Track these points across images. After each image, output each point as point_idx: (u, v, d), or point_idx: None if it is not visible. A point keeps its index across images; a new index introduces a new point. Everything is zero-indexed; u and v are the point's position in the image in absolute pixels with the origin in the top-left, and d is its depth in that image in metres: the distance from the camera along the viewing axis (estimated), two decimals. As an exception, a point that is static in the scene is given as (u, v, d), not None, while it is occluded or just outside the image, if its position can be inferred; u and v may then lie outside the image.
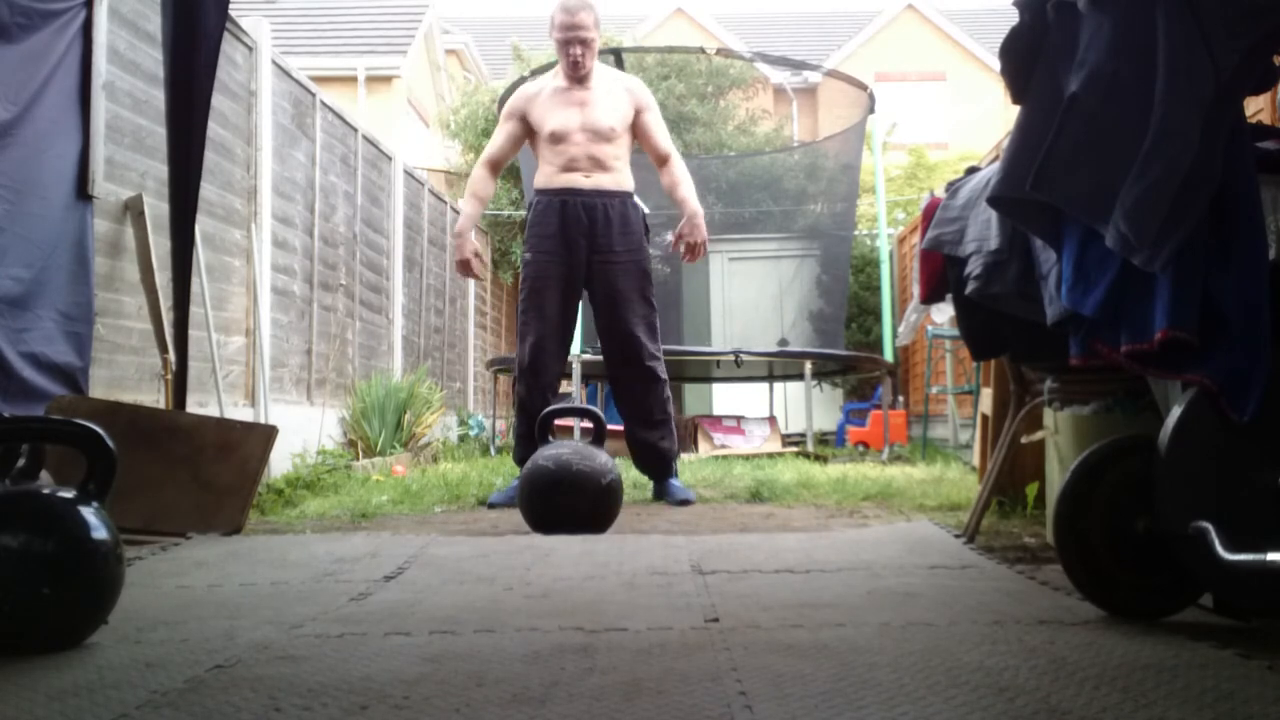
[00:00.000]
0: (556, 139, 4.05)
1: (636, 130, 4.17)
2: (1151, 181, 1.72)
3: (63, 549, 1.77)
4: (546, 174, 4.11)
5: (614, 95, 4.11)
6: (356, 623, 1.95)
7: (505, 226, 11.25)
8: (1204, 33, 1.70)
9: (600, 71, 4.17)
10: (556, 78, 4.14)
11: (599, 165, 4.05)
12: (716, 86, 12.89)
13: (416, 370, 7.47)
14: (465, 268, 4.14)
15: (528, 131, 4.16)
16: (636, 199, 4.20)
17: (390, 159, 7.46)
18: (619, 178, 4.10)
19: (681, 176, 4.17)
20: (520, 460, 4.10)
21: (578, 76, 4.05)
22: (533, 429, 3.91)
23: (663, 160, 4.21)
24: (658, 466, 4.24)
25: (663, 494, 4.21)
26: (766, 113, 14.37)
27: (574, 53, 3.99)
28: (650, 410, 4.15)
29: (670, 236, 4.22)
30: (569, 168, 4.05)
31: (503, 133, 4.21)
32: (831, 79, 10.79)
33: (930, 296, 2.96)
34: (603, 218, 4.05)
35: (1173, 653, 1.64)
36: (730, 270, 9.62)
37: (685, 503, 4.10)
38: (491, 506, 4.04)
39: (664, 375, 4.17)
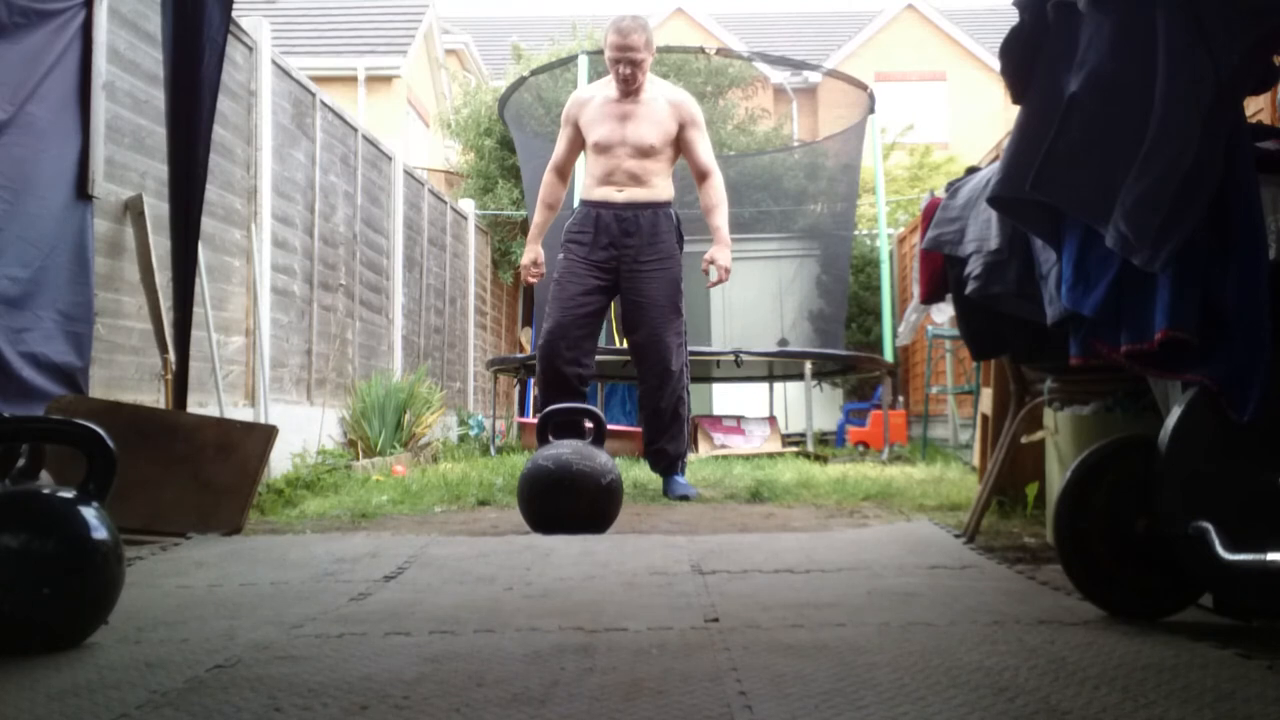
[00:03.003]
0: (600, 150, 4.21)
1: (680, 145, 4.29)
2: (1151, 181, 1.72)
3: (63, 549, 1.78)
4: (587, 185, 4.31)
5: (660, 111, 4.23)
6: (356, 623, 1.95)
7: (505, 226, 11.25)
8: (1204, 33, 1.71)
9: (650, 85, 4.28)
10: (609, 87, 4.27)
11: (635, 180, 4.20)
12: (716, 86, 12.88)
13: (416, 370, 7.47)
14: (525, 272, 4.37)
15: (581, 135, 4.33)
16: (672, 210, 4.32)
17: (390, 159, 7.46)
18: (655, 190, 4.23)
19: (718, 200, 4.32)
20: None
21: (627, 92, 4.19)
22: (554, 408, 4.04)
23: (703, 176, 4.33)
24: (662, 463, 4.37)
25: (666, 489, 4.33)
26: (766, 112, 14.36)
27: (624, 71, 4.13)
28: (664, 411, 4.25)
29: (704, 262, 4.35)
30: (606, 180, 4.22)
31: (562, 139, 4.39)
32: (831, 79, 10.79)
33: (930, 296, 2.96)
34: (633, 228, 4.19)
35: (1173, 653, 1.64)
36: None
37: (684, 498, 4.21)
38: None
39: (685, 380, 4.30)
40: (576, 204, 4.41)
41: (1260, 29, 1.74)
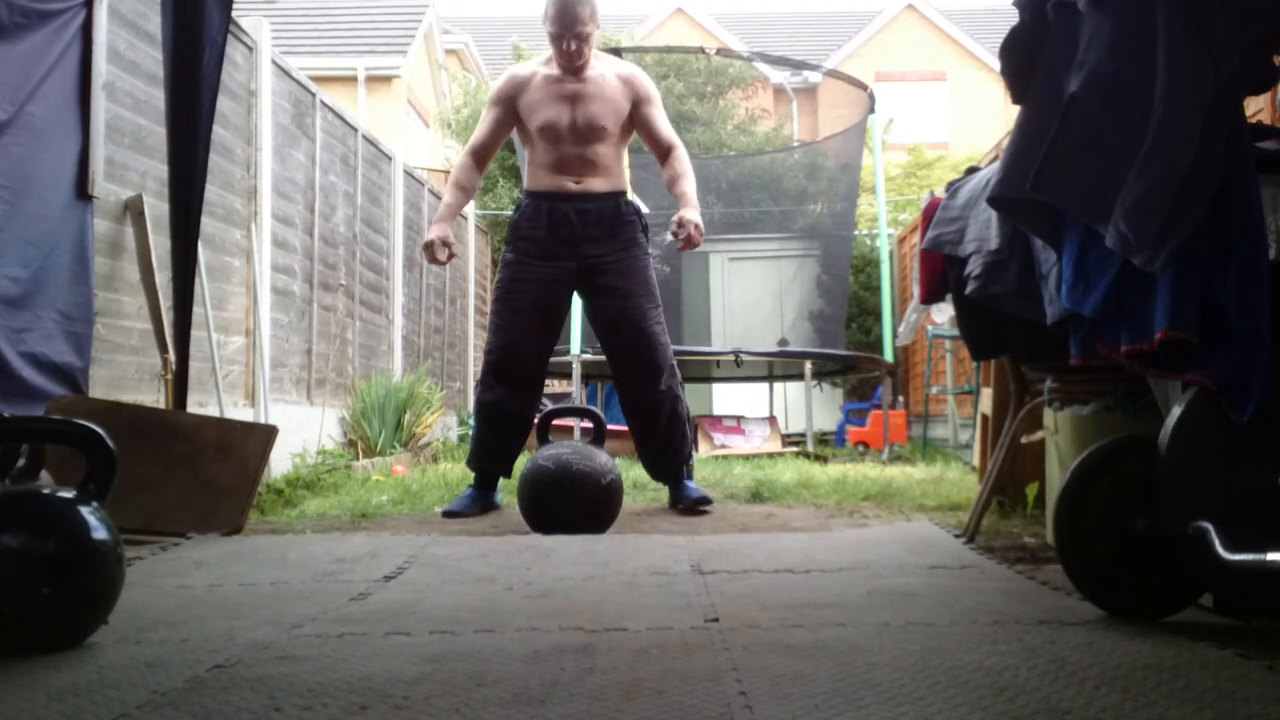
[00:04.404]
0: (546, 136, 3.77)
1: (635, 123, 3.86)
2: (1151, 181, 1.72)
3: (63, 549, 1.78)
4: (535, 175, 3.86)
5: (610, 89, 3.78)
6: (356, 623, 1.95)
7: (505, 226, 11.24)
8: (1204, 33, 1.71)
9: (596, 62, 3.82)
10: (549, 65, 3.80)
11: (589, 167, 3.77)
12: (716, 86, 12.91)
13: (416, 370, 7.47)
14: (429, 249, 3.77)
15: (515, 119, 3.86)
16: (633, 197, 3.93)
17: (390, 159, 7.46)
18: (611, 179, 3.83)
19: (684, 169, 3.82)
20: (473, 465, 3.93)
21: (572, 70, 3.74)
22: (494, 434, 3.79)
23: (665, 153, 3.87)
24: (666, 473, 3.97)
25: (678, 500, 3.88)
26: (766, 112, 14.38)
27: (569, 47, 3.67)
28: (659, 414, 3.81)
29: (669, 236, 3.96)
30: (558, 170, 3.78)
31: (489, 120, 3.89)
32: (831, 79, 10.79)
33: (930, 296, 2.96)
34: (593, 220, 3.77)
35: (1173, 653, 1.64)
36: (730, 270, 9.62)
37: (702, 502, 3.78)
38: (449, 516, 3.77)
39: (677, 375, 3.86)
40: (522, 196, 3.98)
41: (1260, 29, 1.74)
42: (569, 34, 3.66)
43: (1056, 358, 2.51)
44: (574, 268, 3.81)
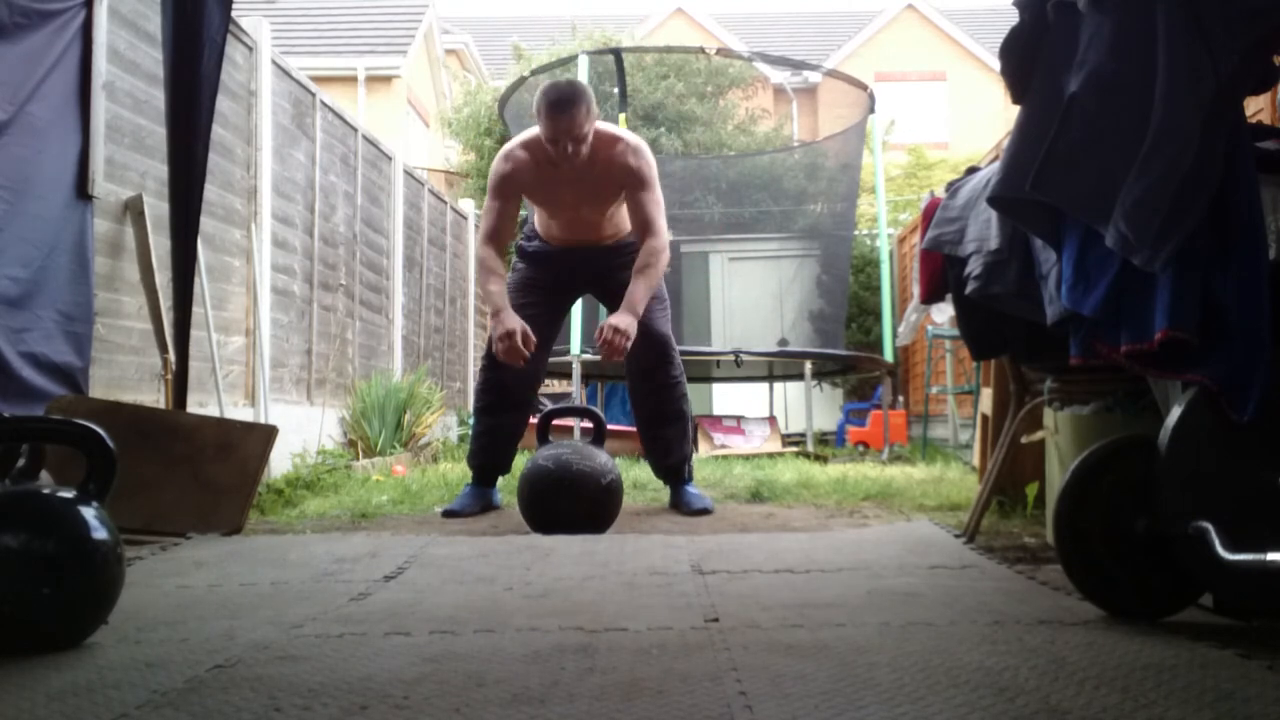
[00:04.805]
0: (550, 214, 3.89)
1: (626, 201, 3.77)
2: (1151, 181, 1.72)
3: (63, 549, 1.78)
4: (540, 226, 3.97)
5: (604, 180, 3.68)
6: (356, 623, 1.95)
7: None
8: (1204, 33, 1.71)
9: (592, 143, 3.61)
10: (539, 149, 3.63)
11: (595, 233, 3.89)
12: (716, 86, 12.91)
13: (416, 370, 7.47)
14: (508, 340, 3.48)
15: (519, 202, 3.88)
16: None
17: (390, 159, 7.46)
18: (617, 234, 3.93)
19: (647, 264, 3.63)
20: (473, 461, 3.97)
21: (569, 167, 3.62)
22: (493, 427, 3.88)
23: (644, 235, 3.69)
24: (667, 464, 4.00)
25: (678, 502, 3.94)
26: (766, 112, 14.39)
27: (564, 150, 3.52)
28: (665, 402, 3.93)
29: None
30: (563, 235, 3.91)
31: (494, 210, 3.75)
32: (831, 79, 10.78)
33: (930, 296, 2.96)
34: (600, 258, 3.92)
35: (1173, 653, 1.64)
36: (730, 270, 9.61)
37: (703, 511, 3.80)
38: (448, 515, 3.80)
39: (681, 373, 3.97)
40: (531, 220, 4.06)
41: (1260, 29, 1.74)
42: (565, 138, 3.50)
43: (1056, 358, 2.51)
44: (578, 291, 4.13)
